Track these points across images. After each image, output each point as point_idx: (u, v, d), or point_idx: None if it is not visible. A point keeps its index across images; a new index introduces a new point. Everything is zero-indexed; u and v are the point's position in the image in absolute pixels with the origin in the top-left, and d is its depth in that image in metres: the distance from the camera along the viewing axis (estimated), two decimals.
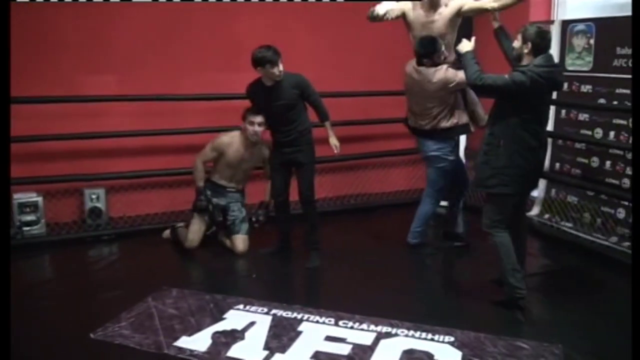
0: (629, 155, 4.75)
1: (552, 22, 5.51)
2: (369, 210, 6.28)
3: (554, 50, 5.36)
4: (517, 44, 3.68)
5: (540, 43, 3.56)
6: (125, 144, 5.47)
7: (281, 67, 4.33)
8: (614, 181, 4.95)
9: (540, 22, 5.08)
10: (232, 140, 4.85)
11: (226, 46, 5.67)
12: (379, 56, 6.28)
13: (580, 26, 5.22)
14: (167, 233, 5.23)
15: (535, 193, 5.72)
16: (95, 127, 5.27)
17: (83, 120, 5.27)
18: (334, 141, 4.64)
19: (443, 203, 5.45)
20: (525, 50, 3.59)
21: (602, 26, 5.01)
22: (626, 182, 4.83)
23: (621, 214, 4.90)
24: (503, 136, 3.64)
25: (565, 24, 5.37)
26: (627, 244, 4.71)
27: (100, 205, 5.39)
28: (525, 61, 3.60)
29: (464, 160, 6.29)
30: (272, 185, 4.80)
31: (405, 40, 4.77)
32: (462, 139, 6.17)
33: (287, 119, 4.51)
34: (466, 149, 6.33)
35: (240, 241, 4.92)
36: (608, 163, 5.02)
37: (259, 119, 4.63)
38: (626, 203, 4.82)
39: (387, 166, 6.61)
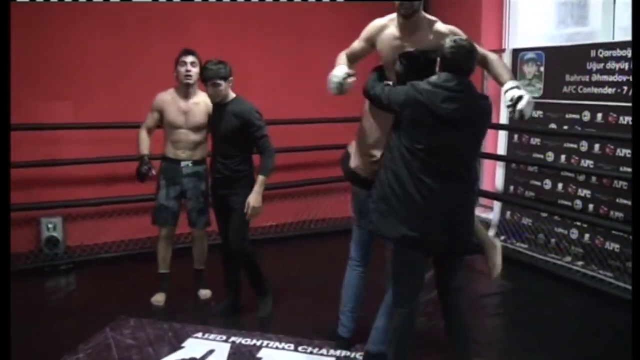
0: (581, 178, 4.94)
1: (504, 50, 5.69)
2: (326, 235, 6.28)
3: None
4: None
5: (448, 58, 2.76)
6: (82, 171, 5.42)
7: (212, 90, 3.85)
8: (566, 202, 5.07)
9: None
10: (171, 95, 4.24)
11: None
12: None
13: (530, 54, 5.40)
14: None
15: (490, 215, 5.86)
16: (51, 154, 5.20)
17: (38, 147, 5.19)
18: (252, 200, 3.83)
19: None
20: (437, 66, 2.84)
21: (551, 54, 5.20)
22: (578, 203, 4.95)
23: (574, 234, 5.01)
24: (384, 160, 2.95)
25: (516, 52, 5.56)
26: (580, 263, 4.88)
27: (57, 234, 5.30)
28: (433, 77, 2.80)
29: None
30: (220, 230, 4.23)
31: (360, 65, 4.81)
32: None
33: (224, 152, 3.96)
34: None
35: (196, 240, 4.46)
36: (560, 185, 5.14)
37: (190, 58, 4.11)
38: (578, 223, 4.96)
39: (344, 191, 6.66)
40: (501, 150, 5.76)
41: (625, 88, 4.49)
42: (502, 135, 5.74)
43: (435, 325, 3.78)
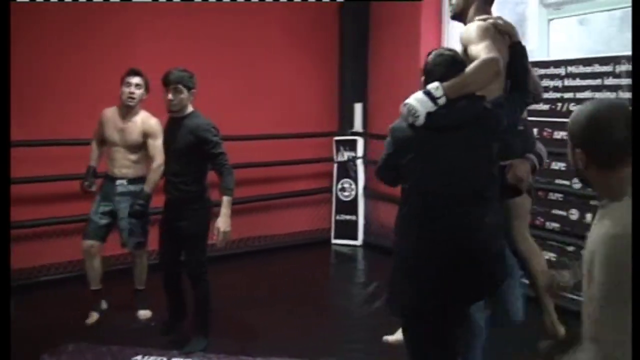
0: None
1: None
2: (272, 252, 6.28)
3: None
4: None
5: (430, 69, 2.50)
6: (23, 191, 5.20)
7: (172, 96, 3.61)
8: None
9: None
10: (112, 112, 4.15)
11: None
12: (286, 99, 6.43)
13: None
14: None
15: None
16: None
17: None
18: (220, 224, 3.60)
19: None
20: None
21: None
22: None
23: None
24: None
25: None
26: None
27: None
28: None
29: (362, 202, 6.51)
30: (159, 254, 4.02)
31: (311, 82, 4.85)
32: (361, 173, 6.38)
33: (174, 170, 3.74)
34: (366, 188, 6.54)
35: (135, 259, 4.37)
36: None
37: (135, 79, 3.98)
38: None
39: (289, 207, 6.69)
40: None
41: (559, 104, 4.72)
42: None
43: None
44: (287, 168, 6.34)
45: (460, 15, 3.14)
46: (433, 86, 2.38)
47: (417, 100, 2.38)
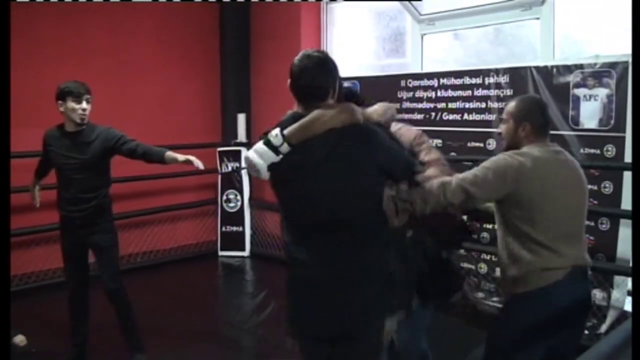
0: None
1: None
2: (158, 267, 6.14)
3: None
4: None
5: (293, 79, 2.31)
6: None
7: (86, 106, 3.47)
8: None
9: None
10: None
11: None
12: (167, 110, 6.32)
13: (347, 83, 5.75)
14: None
15: None
16: None
17: None
18: (189, 157, 3.54)
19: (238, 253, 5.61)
20: None
21: (366, 84, 5.58)
22: (485, 236, 4.70)
23: (483, 269, 4.73)
24: None
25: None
26: (495, 298, 4.60)
27: None
28: None
29: (248, 212, 6.52)
30: (66, 275, 3.78)
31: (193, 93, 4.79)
32: (246, 184, 6.41)
33: (88, 185, 3.53)
34: (251, 198, 6.56)
35: None
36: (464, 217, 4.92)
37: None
38: (487, 257, 4.69)
39: (174, 220, 6.58)
40: None
41: (433, 114, 4.99)
42: None
43: None
44: (171, 180, 6.23)
45: None
46: (273, 134, 2.11)
47: (256, 153, 2.11)
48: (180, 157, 3.53)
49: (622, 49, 3.90)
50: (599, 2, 4.44)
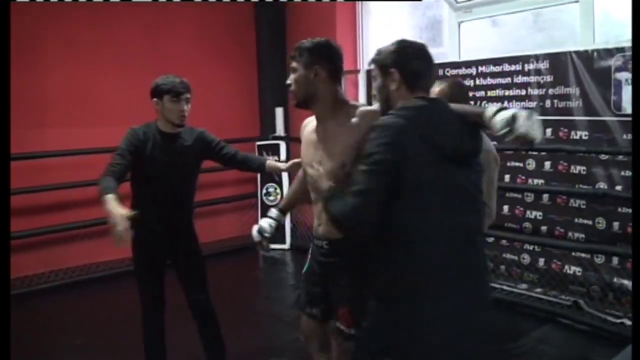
0: (528, 199, 4.73)
1: (359, 71, 6.02)
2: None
3: (362, 97, 5.89)
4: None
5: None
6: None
7: (185, 107, 3.09)
8: (513, 225, 4.84)
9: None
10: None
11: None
12: (205, 106, 6.37)
13: None
14: None
15: None
16: None
17: None
18: (293, 162, 3.06)
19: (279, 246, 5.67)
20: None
21: None
22: (527, 226, 4.73)
23: (525, 259, 4.77)
24: None
25: (370, 73, 5.86)
26: (539, 289, 4.61)
27: None
28: None
29: None
30: (144, 292, 3.27)
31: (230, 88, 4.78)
32: (285, 176, 6.43)
33: (182, 191, 3.23)
34: None
35: None
36: (506, 207, 4.85)
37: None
38: (530, 247, 4.72)
39: (216, 214, 6.65)
40: None
41: (472, 103, 4.92)
42: None
43: None
44: (211, 175, 6.29)
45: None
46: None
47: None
48: (283, 165, 3.23)
49: None
50: None
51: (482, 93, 4.88)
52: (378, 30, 6.29)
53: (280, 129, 6.62)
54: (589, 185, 4.31)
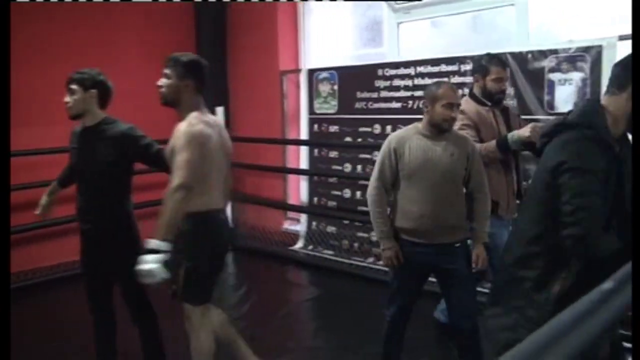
0: None
1: (300, 70, 6.01)
2: None
3: (303, 96, 5.87)
4: None
5: None
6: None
7: (67, 98, 3.03)
8: (365, 208, 5.39)
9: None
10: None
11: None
12: (143, 105, 6.24)
13: (324, 74, 5.77)
14: None
15: (298, 227, 6.13)
16: None
17: None
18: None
19: None
20: None
21: (344, 74, 5.60)
22: None
23: (374, 237, 5.27)
24: None
25: (311, 72, 5.90)
26: (381, 262, 5.18)
27: None
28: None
29: (229, 205, 6.45)
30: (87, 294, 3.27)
31: None
32: None
33: (101, 188, 3.11)
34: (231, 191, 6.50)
35: None
36: (359, 193, 5.52)
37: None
38: None
39: (152, 217, 6.49)
40: (304, 164, 6.05)
41: (410, 102, 5.01)
42: (304, 150, 6.04)
43: None
44: (151, 176, 6.15)
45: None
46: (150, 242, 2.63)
47: (145, 262, 2.59)
48: None
49: (596, 34, 3.92)
50: None
51: (419, 93, 4.93)
52: (319, 30, 6.29)
53: None
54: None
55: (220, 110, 6.45)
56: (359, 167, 5.52)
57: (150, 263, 2.57)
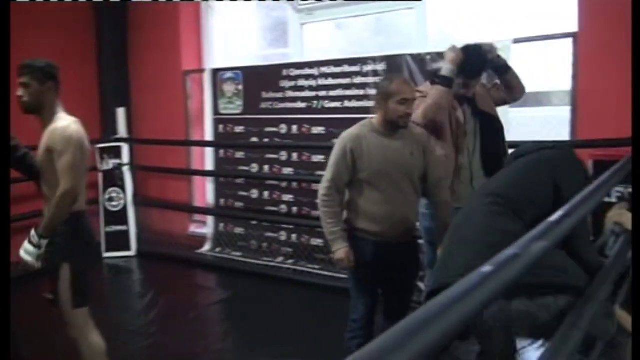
0: (283, 185, 5.46)
1: (204, 70, 5.93)
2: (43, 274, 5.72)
3: (208, 97, 5.81)
4: None
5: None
6: None
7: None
8: (273, 208, 5.52)
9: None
10: None
11: None
12: None
13: (229, 74, 5.72)
14: None
15: (205, 230, 6.05)
16: None
17: None
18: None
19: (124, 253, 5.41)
20: None
21: (248, 74, 5.58)
22: (284, 208, 5.45)
23: (283, 236, 5.47)
24: None
25: (215, 72, 5.83)
26: (290, 261, 5.37)
27: None
28: None
29: (132, 210, 6.28)
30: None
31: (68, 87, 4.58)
32: (129, 181, 6.19)
33: None
34: (135, 195, 6.34)
35: None
36: (266, 193, 5.55)
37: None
38: (285, 226, 5.45)
39: None
40: (209, 166, 5.98)
41: (315, 102, 5.06)
42: (209, 151, 5.97)
43: None
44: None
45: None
46: (32, 234, 2.79)
47: (25, 252, 2.79)
48: None
49: (491, 37, 4.07)
50: None
51: (324, 93, 4.99)
52: (224, 30, 6.23)
53: (122, 131, 6.34)
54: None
55: (121, 111, 6.28)
56: (266, 168, 5.52)
57: (28, 253, 2.78)
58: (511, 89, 3.26)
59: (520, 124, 3.71)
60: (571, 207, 1.59)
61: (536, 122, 4.20)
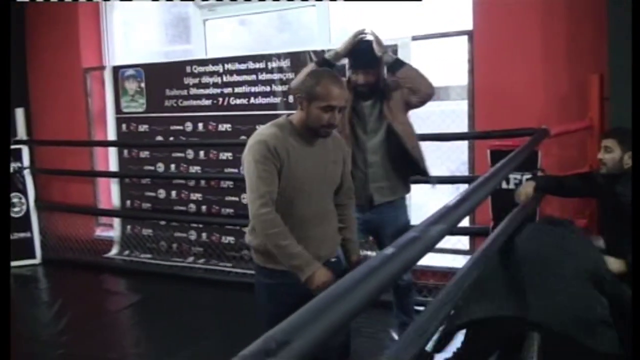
0: (191, 183, 5.41)
1: (104, 67, 5.77)
2: None
3: (109, 95, 5.66)
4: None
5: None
6: None
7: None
8: (181, 208, 5.47)
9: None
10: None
11: None
12: None
13: (130, 71, 5.59)
14: None
15: (111, 233, 5.90)
16: None
17: None
18: None
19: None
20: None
21: (151, 71, 5.47)
22: (192, 207, 5.40)
23: (193, 235, 5.42)
24: None
25: (117, 69, 5.68)
26: (202, 260, 5.33)
27: None
28: None
29: (35, 216, 6.04)
30: None
31: None
32: (30, 185, 5.94)
33: None
34: (37, 200, 6.09)
35: None
36: (174, 193, 5.48)
37: None
38: (194, 225, 5.41)
39: None
40: (113, 166, 5.83)
41: (220, 99, 5.04)
42: (113, 151, 5.81)
43: None
44: None
45: None
46: None
47: None
48: None
49: (391, 35, 4.21)
50: None
51: (229, 90, 4.99)
52: (124, 26, 6.08)
53: (21, 132, 6.06)
54: (234, 169, 5.05)
55: (20, 111, 6.00)
56: (173, 167, 5.44)
57: None
58: (414, 91, 3.12)
59: (420, 118, 3.86)
60: (468, 192, 1.70)
61: (436, 116, 4.38)
